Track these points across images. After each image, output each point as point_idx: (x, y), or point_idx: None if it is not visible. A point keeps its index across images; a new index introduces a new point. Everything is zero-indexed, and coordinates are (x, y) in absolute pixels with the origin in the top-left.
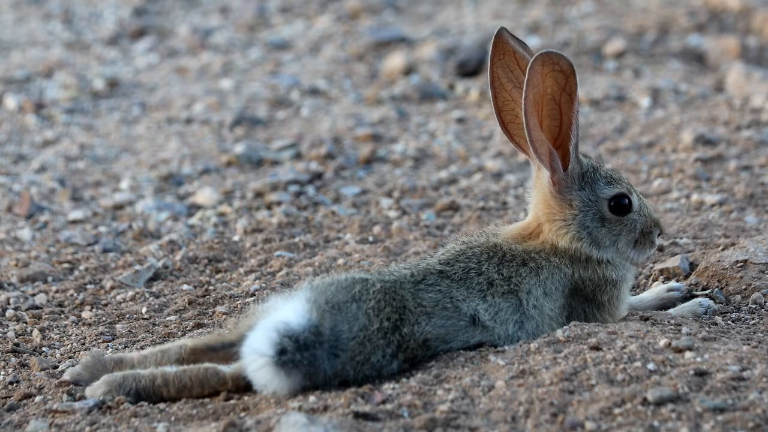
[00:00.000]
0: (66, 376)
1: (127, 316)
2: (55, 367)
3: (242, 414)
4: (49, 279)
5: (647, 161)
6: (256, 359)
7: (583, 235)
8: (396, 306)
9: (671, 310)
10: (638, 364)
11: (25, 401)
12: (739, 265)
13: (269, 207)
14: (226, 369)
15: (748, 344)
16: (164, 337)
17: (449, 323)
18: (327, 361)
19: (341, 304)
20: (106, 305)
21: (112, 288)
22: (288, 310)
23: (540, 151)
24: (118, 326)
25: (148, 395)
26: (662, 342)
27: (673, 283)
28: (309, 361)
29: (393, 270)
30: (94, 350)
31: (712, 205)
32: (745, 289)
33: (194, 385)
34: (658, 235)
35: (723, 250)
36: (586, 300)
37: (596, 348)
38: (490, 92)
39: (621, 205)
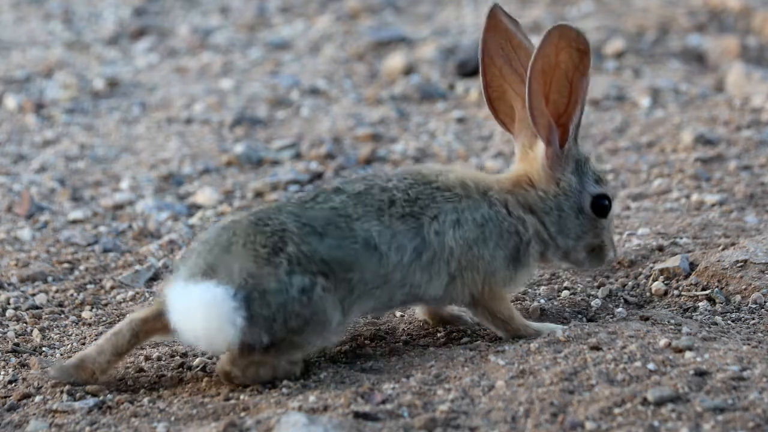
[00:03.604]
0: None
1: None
2: None
3: (242, 414)
4: (49, 279)
5: (647, 161)
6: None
7: (553, 214)
8: (271, 231)
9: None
10: (638, 364)
11: (24, 401)
12: (739, 265)
13: None
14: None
15: (748, 344)
16: None
17: (344, 244)
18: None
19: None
20: (106, 305)
21: (112, 288)
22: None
23: (539, 121)
24: None
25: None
26: (662, 342)
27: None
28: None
29: (278, 201)
30: (55, 364)
31: (712, 205)
32: (745, 289)
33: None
34: (609, 260)
35: (723, 250)
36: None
37: (596, 348)
38: (480, 66)
39: (602, 206)
